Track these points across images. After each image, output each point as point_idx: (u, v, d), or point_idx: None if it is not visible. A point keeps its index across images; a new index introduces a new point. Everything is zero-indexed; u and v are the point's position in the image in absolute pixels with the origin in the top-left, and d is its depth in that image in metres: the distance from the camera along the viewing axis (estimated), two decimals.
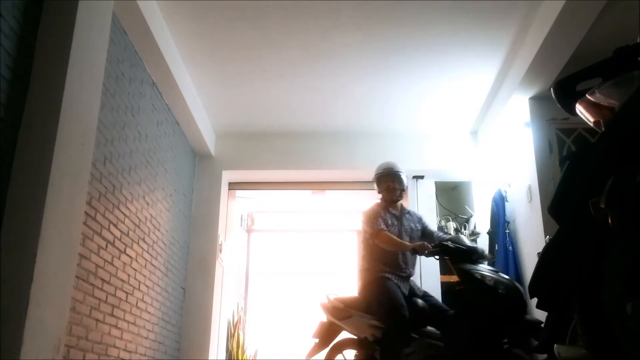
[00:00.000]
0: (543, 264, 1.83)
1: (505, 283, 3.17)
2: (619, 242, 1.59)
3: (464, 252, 3.37)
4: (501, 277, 3.23)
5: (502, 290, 3.11)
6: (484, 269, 3.29)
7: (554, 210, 1.79)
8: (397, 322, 3.37)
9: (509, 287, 3.16)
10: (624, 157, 1.63)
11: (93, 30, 2.65)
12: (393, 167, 4.02)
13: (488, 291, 3.12)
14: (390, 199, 3.96)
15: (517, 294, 3.15)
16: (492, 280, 3.16)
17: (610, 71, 1.86)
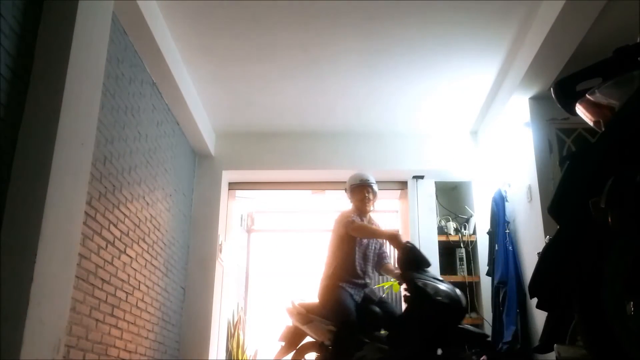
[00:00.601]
0: (543, 264, 1.84)
1: (446, 292, 3.31)
2: (619, 242, 1.59)
3: (418, 260, 3.57)
4: (444, 286, 3.38)
5: (441, 298, 3.25)
6: (429, 277, 3.44)
7: (554, 210, 1.79)
8: (344, 327, 3.56)
9: (448, 295, 3.29)
10: (624, 157, 1.63)
11: (93, 30, 2.65)
12: (369, 179, 4.07)
13: (427, 298, 3.27)
14: (363, 210, 4.03)
15: (456, 302, 3.30)
16: (433, 288, 3.30)
17: (610, 71, 1.86)
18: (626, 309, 1.61)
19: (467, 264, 5.48)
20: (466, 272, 5.45)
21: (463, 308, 3.37)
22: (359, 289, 3.85)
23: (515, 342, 4.28)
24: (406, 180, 5.74)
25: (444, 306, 3.24)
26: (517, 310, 4.35)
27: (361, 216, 4.01)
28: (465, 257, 5.50)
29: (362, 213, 4.03)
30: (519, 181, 4.61)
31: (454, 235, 5.59)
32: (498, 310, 4.65)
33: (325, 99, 4.99)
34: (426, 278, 3.40)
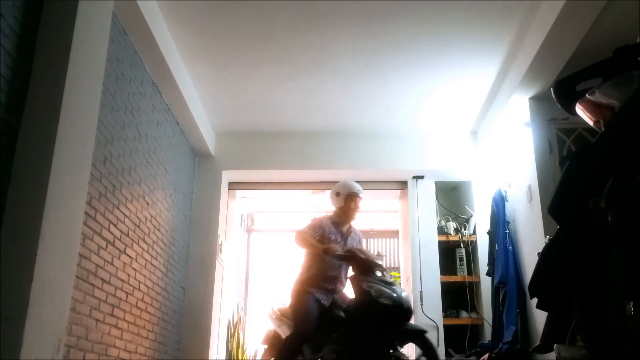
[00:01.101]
0: (543, 264, 1.84)
1: (390, 295, 3.53)
2: (619, 242, 1.59)
3: (367, 263, 3.78)
4: (390, 289, 3.58)
5: (384, 300, 3.49)
6: (377, 281, 3.65)
7: (554, 210, 1.79)
8: (300, 331, 3.77)
9: (392, 298, 3.52)
10: (624, 157, 1.63)
11: (93, 30, 2.65)
12: (361, 191, 4.22)
13: (371, 300, 3.51)
14: (348, 218, 4.18)
15: (399, 304, 3.53)
16: (378, 291, 3.53)
17: (610, 71, 1.87)
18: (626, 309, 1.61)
19: (467, 264, 5.48)
20: (466, 272, 5.45)
21: (406, 309, 3.59)
22: (329, 294, 3.96)
23: (515, 342, 4.28)
24: (406, 180, 5.74)
25: (386, 307, 3.48)
26: (517, 310, 4.35)
27: (343, 224, 4.17)
28: (465, 257, 5.50)
29: (346, 220, 4.18)
30: (519, 181, 4.61)
31: (454, 235, 5.60)
32: (498, 310, 4.65)
33: (326, 99, 4.99)
34: (374, 281, 3.63)
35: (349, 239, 4.15)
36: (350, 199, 4.14)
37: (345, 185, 4.22)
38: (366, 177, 5.75)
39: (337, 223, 4.16)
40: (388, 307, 3.48)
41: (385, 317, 3.50)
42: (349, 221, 4.20)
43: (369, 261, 3.79)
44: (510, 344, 4.29)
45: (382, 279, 3.67)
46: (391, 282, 3.67)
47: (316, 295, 3.90)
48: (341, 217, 4.17)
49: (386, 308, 3.48)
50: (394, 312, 3.51)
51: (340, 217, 4.18)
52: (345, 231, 4.17)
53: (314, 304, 3.86)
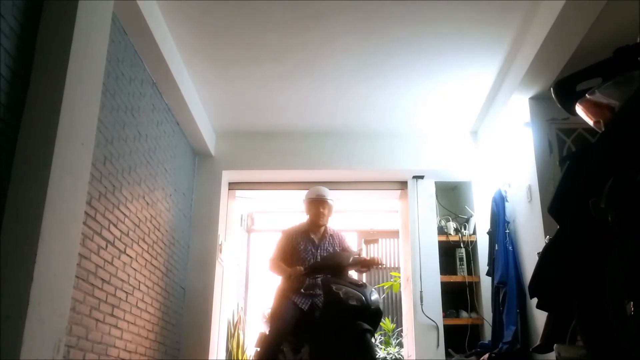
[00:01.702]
0: (543, 264, 1.84)
1: (357, 295, 3.58)
2: (618, 242, 1.59)
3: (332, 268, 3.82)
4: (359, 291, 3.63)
5: (352, 302, 3.55)
6: (347, 283, 3.69)
7: (554, 210, 1.79)
8: (272, 332, 3.86)
9: (359, 299, 3.57)
10: (624, 157, 1.63)
11: (93, 30, 2.65)
12: (325, 195, 4.26)
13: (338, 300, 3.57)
14: (317, 223, 4.22)
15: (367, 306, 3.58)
16: (345, 292, 3.59)
17: (610, 71, 1.87)
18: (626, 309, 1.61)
19: (467, 264, 5.48)
20: (466, 272, 5.45)
21: (374, 311, 3.62)
22: (307, 298, 3.99)
23: (515, 342, 4.28)
24: (406, 180, 5.74)
25: (354, 308, 3.53)
26: (517, 310, 4.35)
27: (312, 229, 4.23)
28: (465, 257, 5.50)
29: (316, 226, 4.23)
30: (519, 181, 4.61)
31: (454, 235, 5.60)
32: (498, 310, 4.65)
33: (326, 99, 4.99)
34: (344, 283, 3.67)
35: (324, 244, 4.18)
36: (314, 204, 4.22)
37: (309, 191, 4.34)
38: (366, 177, 5.76)
39: (309, 231, 4.22)
40: (356, 308, 3.53)
41: (353, 318, 3.53)
42: (320, 226, 4.23)
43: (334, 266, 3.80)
44: (510, 344, 4.29)
45: (352, 282, 3.73)
46: (361, 285, 3.71)
47: (294, 299, 3.96)
48: (310, 224, 4.25)
49: (354, 309, 3.53)
50: (362, 314, 3.54)
51: (310, 225, 4.25)
52: (320, 237, 4.21)
53: (291, 308, 3.92)
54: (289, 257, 4.10)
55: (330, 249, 4.19)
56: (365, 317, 3.55)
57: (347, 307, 3.53)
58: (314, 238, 4.20)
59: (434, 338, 5.16)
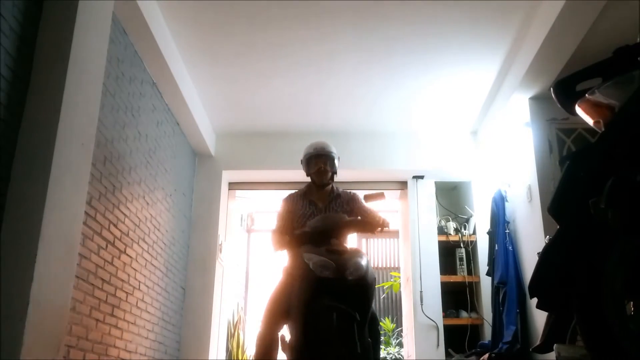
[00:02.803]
0: (543, 264, 1.84)
1: (329, 265, 2.88)
2: (618, 242, 1.59)
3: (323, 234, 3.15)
4: (334, 259, 2.92)
5: (322, 273, 2.86)
6: (322, 251, 3.00)
7: (554, 210, 1.79)
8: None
9: (332, 268, 2.87)
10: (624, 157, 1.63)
11: (93, 30, 2.66)
12: (325, 148, 3.59)
13: (306, 272, 2.91)
14: (320, 182, 3.56)
15: (342, 276, 2.86)
16: (315, 262, 2.90)
17: (610, 71, 1.87)
18: (626, 309, 1.61)
19: (467, 264, 5.48)
20: (466, 272, 5.45)
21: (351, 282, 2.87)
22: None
23: (515, 342, 4.28)
24: (406, 180, 5.74)
25: (323, 281, 2.86)
26: (517, 310, 4.35)
27: (315, 191, 3.59)
28: (465, 257, 5.50)
29: (318, 187, 3.59)
30: (519, 181, 4.61)
31: (454, 235, 5.59)
32: (498, 310, 4.65)
33: (325, 98, 4.99)
34: (319, 251, 3.01)
35: (331, 208, 3.53)
36: (314, 161, 3.57)
37: (306, 148, 3.66)
38: (366, 177, 5.75)
39: (310, 193, 3.60)
40: (327, 281, 2.84)
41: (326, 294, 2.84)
42: (322, 187, 3.58)
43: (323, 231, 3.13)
44: (510, 344, 4.29)
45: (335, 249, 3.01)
46: (343, 251, 3.01)
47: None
48: (312, 186, 3.62)
49: (325, 283, 2.85)
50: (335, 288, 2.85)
51: (311, 187, 3.62)
52: (325, 200, 3.56)
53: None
54: (291, 227, 3.45)
55: (341, 209, 3.54)
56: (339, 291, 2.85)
57: (316, 280, 2.85)
58: (318, 202, 3.56)
59: (434, 338, 5.16)
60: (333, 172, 3.59)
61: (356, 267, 2.91)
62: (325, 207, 3.55)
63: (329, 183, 3.60)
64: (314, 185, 3.61)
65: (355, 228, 3.38)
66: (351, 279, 2.86)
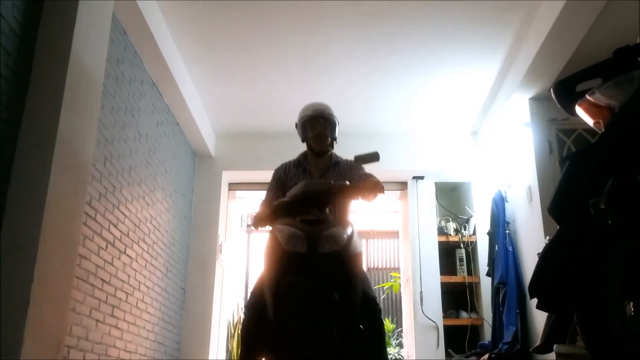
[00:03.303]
0: (543, 264, 1.84)
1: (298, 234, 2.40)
2: (619, 242, 1.59)
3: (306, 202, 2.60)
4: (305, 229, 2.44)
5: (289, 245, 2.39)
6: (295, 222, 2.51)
7: (554, 211, 1.79)
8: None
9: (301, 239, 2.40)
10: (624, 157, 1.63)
11: (93, 31, 2.65)
12: (325, 110, 3.08)
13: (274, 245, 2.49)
14: (318, 149, 3.06)
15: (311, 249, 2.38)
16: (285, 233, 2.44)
17: (610, 72, 1.87)
18: (626, 310, 1.61)
19: (467, 265, 5.48)
20: (466, 272, 5.45)
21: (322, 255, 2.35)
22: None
23: (515, 342, 4.28)
24: (406, 181, 5.74)
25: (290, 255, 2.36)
26: (517, 311, 4.35)
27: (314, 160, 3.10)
28: (465, 257, 5.50)
29: (314, 153, 3.09)
30: (519, 182, 4.61)
31: (454, 235, 5.59)
32: (498, 310, 4.65)
33: (325, 99, 4.96)
34: (291, 221, 2.54)
35: (330, 175, 3.04)
36: (310, 125, 3.05)
37: (302, 110, 3.16)
38: None
39: (304, 162, 3.11)
40: (294, 255, 2.37)
41: (297, 267, 2.37)
42: (320, 155, 3.09)
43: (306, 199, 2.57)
44: (510, 344, 4.29)
45: (308, 218, 2.49)
46: (320, 220, 2.47)
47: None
48: (308, 153, 3.14)
49: (292, 257, 2.37)
50: (303, 263, 2.35)
51: (307, 155, 3.14)
52: (322, 169, 3.05)
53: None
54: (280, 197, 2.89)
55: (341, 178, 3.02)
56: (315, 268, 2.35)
57: (284, 255, 2.39)
58: (313, 171, 3.07)
59: (434, 338, 5.16)
60: (333, 139, 3.10)
61: (333, 237, 2.38)
62: (321, 176, 3.07)
63: (328, 150, 3.10)
64: (311, 153, 3.11)
65: (343, 194, 2.78)
66: (326, 252, 2.35)
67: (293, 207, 2.57)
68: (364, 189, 2.80)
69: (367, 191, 2.80)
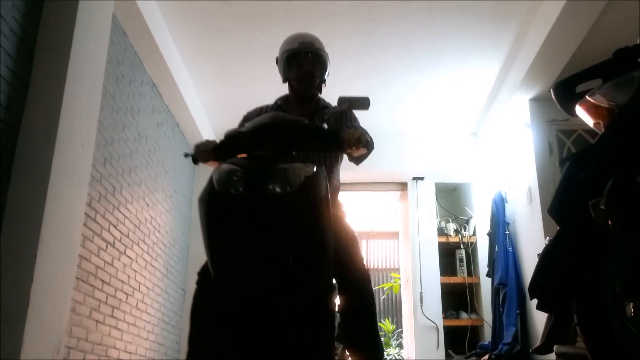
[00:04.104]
0: (543, 265, 1.83)
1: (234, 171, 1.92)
2: (619, 243, 1.59)
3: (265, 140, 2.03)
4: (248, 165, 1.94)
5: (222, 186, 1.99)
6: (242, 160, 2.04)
7: (554, 212, 1.79)
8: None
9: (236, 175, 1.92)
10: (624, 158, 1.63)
11: (93, 31, 2.65)
12: (315, 43, 2.43)
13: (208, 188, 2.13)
14: (304, 92, 2.48)
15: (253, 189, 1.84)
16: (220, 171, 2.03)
17: (610, 72, 1.87)
18: (626, 310, 1.61)
19: (467, 265, 5.48)
20: (466, 273, 5.45)
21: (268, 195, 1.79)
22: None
23: (515, 343, 4.28)
24: (406, 182, 5.74)
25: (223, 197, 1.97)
26: (517, 312, 4.35)
27: (297, 103, 2.53)
28: (465, 258, 5.50)
29: (298, 95, 2.51)
30: (519, 182, 4.61)
31: (454, 236, 5.60)
32: (498, 311, 4.65)
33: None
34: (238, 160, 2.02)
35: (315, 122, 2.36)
36: (295, 61, 2.43)
37: (283, 43, 2.49)
38: (366, 179, 5.75)
39: (285, 106, 2.56)
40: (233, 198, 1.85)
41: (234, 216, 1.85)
42: (305, 100, 2.50)
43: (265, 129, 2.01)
44: (510, 345, 4.28)
45: (258, 154, 1.94)
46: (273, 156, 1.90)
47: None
48: (291, 97, 2.56)
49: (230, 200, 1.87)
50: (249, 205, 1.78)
51: (289, 99, 2.57)
52: (306, 114, 2.36)
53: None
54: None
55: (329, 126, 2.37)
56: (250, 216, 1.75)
57: (216, 199, 1.94)
58: (297, 113, 2.42)
59: (434, 339, 5.16)
60: (322, 81, 2.49)
61: (285, 173, 1.77)
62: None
63: (315, 95, 2.52)
64: (293, 96, 2.54)
65: (315, 139, 2.08)
66: (273, 192, 1.74)
67: (249, 143, 1.95)
68: (343, 140, 2.01)
69: (343, 143, 2.01)
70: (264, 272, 1.65)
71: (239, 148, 1.98)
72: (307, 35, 2.48)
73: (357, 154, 2.13)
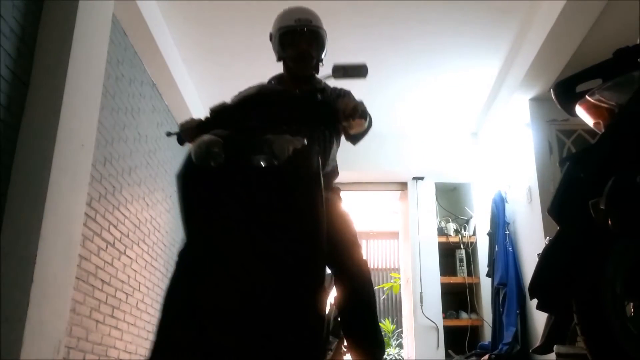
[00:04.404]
0: (543, 265, 1.83)
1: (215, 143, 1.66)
2: (619, 243, 1.59)
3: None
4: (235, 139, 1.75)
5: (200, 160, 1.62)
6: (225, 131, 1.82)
7: (554, 212, 1.79)
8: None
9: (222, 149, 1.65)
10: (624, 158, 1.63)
11: (93, 31, 2.66)
12: (312, 20, 2.34)
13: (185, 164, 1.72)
14: (300, 72, 2.33)
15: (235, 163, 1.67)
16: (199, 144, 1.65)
17: (610, 72, 1.87)
18: (626, 310, 1.61)
19: (467, 265, 5.48)
20: (466, 273, 5.45)
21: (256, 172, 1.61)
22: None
23: (515, 343, 4.28)
24: (406, 182, 5.75)
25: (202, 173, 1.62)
26: (517, 312, 4.35)
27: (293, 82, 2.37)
28: (465, 258, 5.51)
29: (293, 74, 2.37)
30: (519, 182, 4.61)
31: (454, 236, 5.60)
32: (498, 311, 4.65)
33: None
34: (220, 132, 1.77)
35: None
36: (288, 40, 2.31)
37: (277, 18, 2.37)
38: (366, 178, 5.75)
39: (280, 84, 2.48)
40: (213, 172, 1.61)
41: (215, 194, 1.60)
42: (301, 81, 2.33)
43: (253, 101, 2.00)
44: (510, 345, 4.29)
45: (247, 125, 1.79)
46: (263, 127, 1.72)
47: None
48: (285, 77, 2.45)
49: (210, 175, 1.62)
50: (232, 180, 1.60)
51: (284, 78, 2.45)
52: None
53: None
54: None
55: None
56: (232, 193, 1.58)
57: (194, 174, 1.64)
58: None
59: (434, 339, 5.16)
60: (319, 61, 2.33)
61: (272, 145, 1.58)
62: None
63: (312, 75, 2.35)
64: (288, 76, 2.41)
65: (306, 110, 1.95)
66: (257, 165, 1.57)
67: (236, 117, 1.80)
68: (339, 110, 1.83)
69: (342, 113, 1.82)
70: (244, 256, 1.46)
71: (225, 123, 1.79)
72: (304, 10, 2.33)
73: (355, 128, 1.88)
